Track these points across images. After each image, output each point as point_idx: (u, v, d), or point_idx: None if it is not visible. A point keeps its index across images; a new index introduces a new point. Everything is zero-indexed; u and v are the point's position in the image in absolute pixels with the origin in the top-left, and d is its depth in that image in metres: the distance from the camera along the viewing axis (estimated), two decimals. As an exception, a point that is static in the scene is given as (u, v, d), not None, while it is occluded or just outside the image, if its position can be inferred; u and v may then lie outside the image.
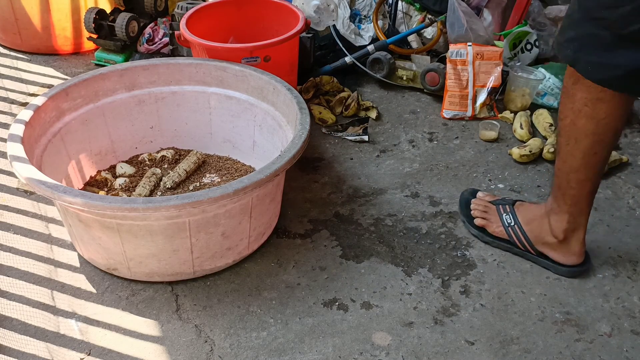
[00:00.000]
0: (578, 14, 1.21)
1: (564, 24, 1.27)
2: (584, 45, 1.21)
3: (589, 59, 1.20)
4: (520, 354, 1.29)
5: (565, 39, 1.24)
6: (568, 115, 1.28)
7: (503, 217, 1.51)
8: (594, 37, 1.18)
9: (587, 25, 1.19)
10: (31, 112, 1.46)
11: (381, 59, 2.20)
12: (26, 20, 2.33)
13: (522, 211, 1.51)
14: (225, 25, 2.04)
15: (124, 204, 1.22)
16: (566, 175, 1.35)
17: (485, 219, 1.54)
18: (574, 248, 1.44)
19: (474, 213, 1.57)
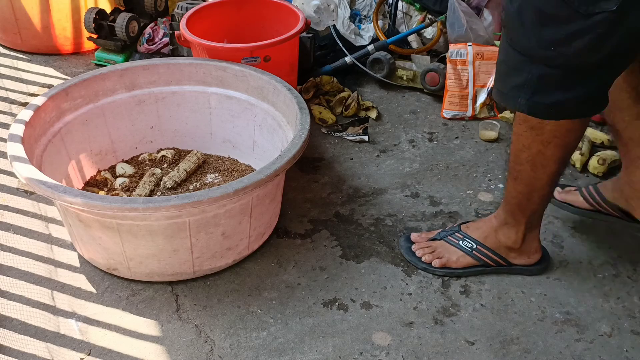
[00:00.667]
0: (518, 57, 1.14)
1: (500, 72, 1.20)
2: (537, 90, 1.14)
3: (548, 101, 1.15)
4: (520, 354, 1.29)
5: (511, 87, 1.17)
6: (534, 146, 1.23)
7: (461, 244, 1.45)
8: (546, 77, 1.12)
9: (533, 67, 1.12)
10: (31, 112, 1.46)
11: (381, 59, 2.20)
12: (26, 20, 2.33)
13: (473, 230, 1.46)
14: (225, 25, 2.04)
15: (124, 204, 1.22)
16: (528, 196, 1.33)
17: (441, 256, 1.45)
18: (532, 246, 1.43)
19: (424, 258, 1.46)
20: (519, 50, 1.13)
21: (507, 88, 1.18)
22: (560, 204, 1.62)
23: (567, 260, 1.52)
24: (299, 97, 1.55)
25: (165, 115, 1.77)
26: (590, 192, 1.57)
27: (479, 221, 1.49)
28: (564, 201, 1.62)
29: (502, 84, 1.20)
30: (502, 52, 1.19)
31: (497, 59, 1.22)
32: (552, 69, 1.11)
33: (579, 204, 1.60)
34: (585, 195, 1.58)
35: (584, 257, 1.53)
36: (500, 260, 1.45)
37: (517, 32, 1.12)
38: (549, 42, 1.08)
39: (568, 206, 1.61)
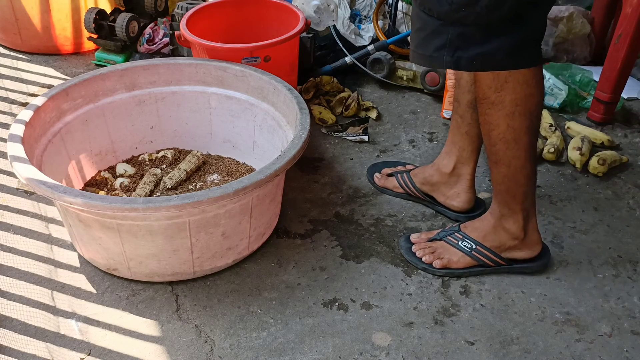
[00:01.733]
0: (435, 22, 1.22)
1: (419, 38, 1.28)
2: (458, 46, 1.22)
3: (468, 55, 1.22)
4: (520, 354, 1.29)
5: (434, 49, 1.25)
6: (500, 123, 1.29)
7: (461, 245, 1.46)
8: (463, 35, 1.21)
9: (450, 29, 1.21)
10: (31, 112, 1.46)
11: (381, 59, 2.20)
12: (26, 21, 2.33)
13: (472, 230, 1.47)
14: (225, 25, 2.04)
15: (124, 204, 1.22)
16: (514, 177, 1.35)
17: (441, 257, 1.46)
18: (533, 238, 1.44)
19: (425, 259, 1.47)
20: (435, 16, 1.22)
21: (430, 50, 1.26)
22: (382, 189, 1.72)
23: (567, 260, 1.52)
24: (299, 97, 1.55)
25: (165, 116, 1.77)
26: (404, 179, 1.67)
27: (477, 220, 1.49)
28: (383, 186, 1.71)
29: (424, 49, 1.27)
30: (417, 21, 1.28)
31: (413, 28, 1.31)
32: (467, 27, 1.20)
33: (393, 187, 1.70)
34: (400, 181, 1.68)
35: (584, 257, 1.53)
36: (500, 260, 1.45)
37: (430, 1, 1.22)
38: (459, 4, 1.18)
39: (386, 190, 1.71)
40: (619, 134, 2.01)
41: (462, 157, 1.56)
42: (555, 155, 1.85)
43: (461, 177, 1.58)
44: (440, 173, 1.60)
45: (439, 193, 1.62)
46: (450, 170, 1.58)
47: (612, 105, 2.02)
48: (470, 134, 1.52)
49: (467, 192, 1.59)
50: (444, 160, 1.59)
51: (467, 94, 1.47)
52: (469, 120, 1.50)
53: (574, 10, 2.34)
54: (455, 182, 1.59)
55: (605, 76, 1.98)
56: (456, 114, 1.53)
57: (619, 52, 1.92)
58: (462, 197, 1.59)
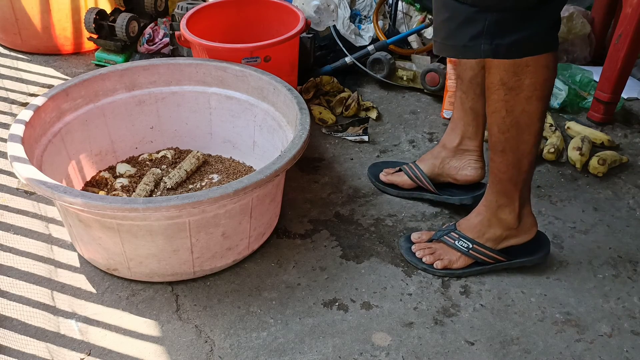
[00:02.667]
0: (469, 10, 1.19)
1: (450, 28, 1.25)
2: (496, 34, 1.20)
3: (507, 42, 1.20)
4: (520, 354, 1.29)
5: (470, 38, 1.22)
6: (516, 108, 1.27)
7: (457, 244, 1.45)
8: (500, 22, 1.19)
9: (487, 15, 1.19)
10: (31, 113, 1.46)
11: (381, 59, 2.20)
12: (26, 21, 2.33)
13: (467, 228, 1.46)
14: (226, 26, 2.04)
15: (124, 204, 1.22)
16: (518, 164, 1.34)
17: (441, 258, 1.46)
18: (528, 222, 1.44)
19: (425, 260, 1.47)
20: (469, 4, 1.19)
21: (464, 40, 1.23)
22: (385, 188, 1.70)
23: (567, 261, 1.52)
24: (299, 97, 1.55)
25: (165, 116, 1.77)
26: (413, 170, 1.66)
27: (471, 216, 1.48)
28: (390, 182, 1.69)
29: (456, 39, 1.25)
30: (444, 11, 1.25)
31: (439, 19, 1.28)
32: (504, 13, 1.18)
33: (401, 183, 1.68)
34: (408, 172, 1.67)
35: (584, 257, 1.53)
36: (497, 256, 1.45)
37: None
38: None
39: (389, 189, 1.70)
40: (619, 134, 2.01)
41: (468, 132, 1.56)
42: (555, 155, 1.85)
43: (468, 151, 1.59)
44: (446, 149, 1.60)
45: (449, 168, 1.61)
46: (456, 144, 1.58)
47: (612, 105, 2.02)
48: (474, 109, 1.53)
49: (478, 161, 1.59)
50: (449, 136, 1.60)
51: (470, 70, 1.48)
52: (472, 96, 1.51)
53: (574, 10, 2.35)
54: (463, 154, 1.59)
55: (605, 76, 1.98)
56: (459, 90, 1.54)
57: (619, 52, 1.92)
58: (473, 165, 1.59)
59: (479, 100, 1.51)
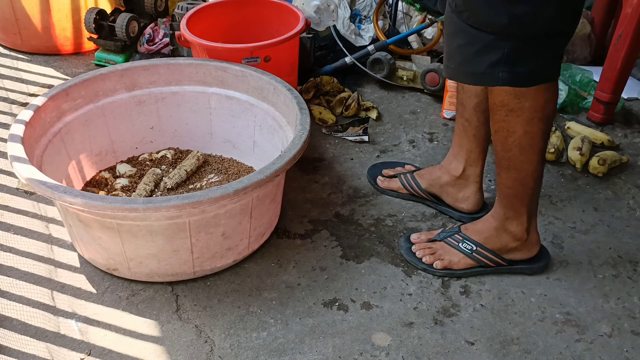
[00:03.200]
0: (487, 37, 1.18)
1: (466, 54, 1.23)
2: (515, 61, 1.19)
3: (526, 70, 1.20)
4: (520, 355, 1.29)
5: (488, 66, 1.21)
6: (517, 129, 1.27)
7: (461, 246, 1.45)
8: (521, 49, 1.18)
9: (505, 43, 1.18)
10: (31, 113, 1.46)
11: (381, 60, 2.20)
12: (26, 21, 2.33)
13: (473, 232, 1.47)
14: (226, 26, 2.04)
15: (124, 204, 1.22)
16: (524, 181, 1.34)
17: (442, 258, 1.46)
18: (533, 239, 1.44)
19: (425, 259, 1.46)
20: (488, 31, 1.18)
21: (482, 67, 1.22)
22: (384, 190, 1.72)
23: (567, 261, 1.52)
24: (299, 97, 1.55)
25: (165, 116, 1.77)
26: (408, 180, 1.68)
27: (478, 222, 1.48)
28: (387, 188, 1.71)
29: (473, 66, 1.24)
30: (461, 36, 1.23)
31: (453, 44, 1.26)
32: (524, 40, 1.18)
33: (398, 189, 1.70)
34: (404, 182, 1.68)
35: (584, 257, 1.53)
36: (501, 261, 1.45)
37: (483, 13, 1.17)
38: (521, 17, 1.14)
39: (390, 192, 1.71)
40: (619, 134, 2.01)
41: (471, 159, 1.56)
42: (555, 155, 1.85)
43: (470, 180, 1.58)
44: (449, 175, 1.60)
45: (447, 195, 1.62)
46: (460, 173, 1.57)
47: (612, 105, 2.02)
48: (477, 137, 1.52)
49: (476, 194, 1.59)
50: (452, 163, 1.59)
51: (474, 98, 1.46)
52: (476, 123, 1.50)
53: (574, 11, 2.34)
54: (464, 184, 1.59)
55: (605, 76, 1.98)
56: (462, 117, 1.52)
57: (619, 52, 1.92)
58: (472, 199, 1.59)
59: (482, 128, 1.50)
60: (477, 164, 1.56)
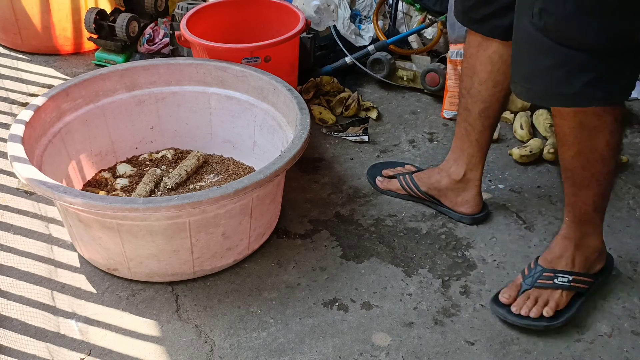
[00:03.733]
0: (579, 58, 1.12)
1: (555, 77, 1.15)
2: (611, 80, 1.15)
3: (621, 86, 1.17)
4: (520, 354, 1.29)
5: (581, 86, 1.14)
6: (599, 145, 1.23)
7: (557, 282, 1.35)
8: (616, 67, 1.14)
9: (601, 62, 1.13)
10: (31, 113, 1.47)
11: (381, 60, 2.20)
12: (26, 21, 2.33)
13: (558, 263, 1.37)
14: (226, 26, 2.04)
15: (124, 204, 1.22)
16: (605, 193, 1.31)
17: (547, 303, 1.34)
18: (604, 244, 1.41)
19: (533, 313, 1.33)
20: (584, 49, 1.12)
21: (576, 87, 1.15)
22: (383, 191, 1.72)
23: (567, 261, 1.52)
24: (299, 97, 1.55)
25: (165, 116, 1.77)
26: (407, 181, 1.67)
27: (554, 250, 1.38)
28: (386, 189, 1.71)
29: (566, 87, 1.16)
30: (550, 57, 1.15)
31: (540, 66, 1.18)
32: (618, 56, 1.13)
33: (396, 190, 1.70)
34: (402, 183, 1.68)
35: (584, 258, 1.53)
36: (592, 279, 1.38)
37: (579, 33, 1.11)
38: (618, 33, 1.10)
39: (389, 192, 1.71)
40: (619, 134, 2.01)
41: (472, 164, 1.55)
42: (555, 155, 1.85)
43: (470, 183, 1.58)
44: (449, 179, 1.59)
45: (446, 199, 1.62)
46: (461, 177, 1.57)
47: (612, 105, 2.02)
48: (480, 142, 1.51)
49: (476, 197, 1.59)
50: (452, 167, 1.58)
51: (480, 103, 1.45)
52: (480, 129, 1.49)
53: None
54: (464, 188, 1.58)
55: (605, 76, 1.98)
56: (465, 122, 1.51)
57: (620, 53, 1.92)
58: (472, 202, 1.59)
59: (486, 132, 1.50)
60: (478, 167, 1.56)
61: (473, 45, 1.44)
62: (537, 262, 1.39)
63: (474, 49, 1.44)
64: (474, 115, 1.48)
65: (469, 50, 1.46)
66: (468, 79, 1.47)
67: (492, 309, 1.37)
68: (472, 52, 1.45)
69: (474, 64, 1.45)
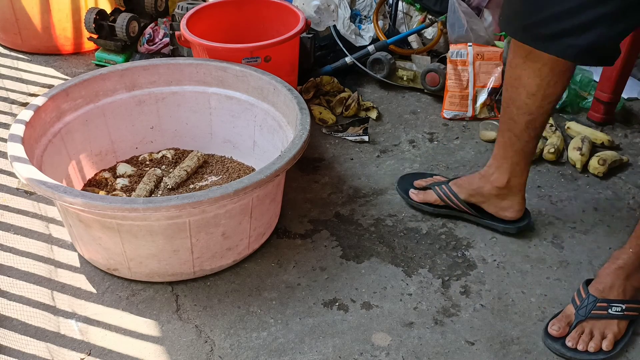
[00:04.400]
0: None
1: None
2: None
3: None
4: (520, 355, 1.29)
5: None
6: None
7: (611, 312, 1.31)
8: None
9: None
10: (31, 113, 1.46)
11: (381, 59, 2.20)
12: (26, 21, 2.33)
13: (610, 292, 1.32)
14: (226, 26, 2.04)
15: (124, 204, 1.22)
16: None
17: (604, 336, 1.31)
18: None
19: (591, 348, 1.29)
20: None
21: None
22: (419, 205, 1.65)
23: (567, 261, 1.52)
24: (299, 97, 1.55)
25: (165, 116, 1.77)
26: (445, 191, 1.60)
27: (605, 279, 1.34)
28: (423, 201, 1.64)
29: None
30: None
31: None
32: None
33: (434, 201, 1.63)
34: (439, 193, 1.61)
35: (584, 257, 1.53)
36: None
37: None
38: None
39: (424, 205, 1.64)
40: (619, 134, 2.01)
41: (516, 171, 1.50)
42: (556, 155, 1.85)
43: (514, 189, 1.53)
44: (492, 186, 1.54)
45: (489, 204, 1.57)
46: (505, 184, 1.52)
47: (612, 105, 2.02)
48: (525, 150, 1.47)
49: (520, 202, 1.55)
50: (494, 174, 1.53)
51: (527, 115, 1.40)
52: (526, 139, 1.44)
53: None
54: (508, 193, 1.53)
55: (605, 76, 1.98)
56: (510, 132, 1.46)
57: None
58: (515, 207, 1.55)
59: (532, 142, 1.45)
60: (522, 175, 1.51)
61: (520, 54, 1.35)
62: (589, 292, 1.33)
63: (521, 59, 1.35)
64: (520, 126, 1.43)
65: (514, 60, 1.37)
66: (513, 90, 1.40)
67: (545, 343, 1.31)
68: (518, 62, 1.36)
69: (520, 75, 1.37)
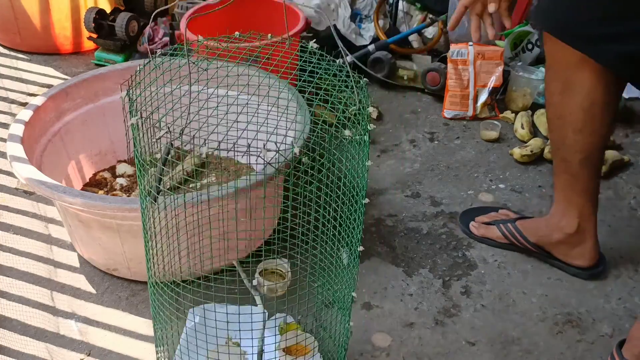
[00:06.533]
0: None
1: None
2: None
3: None
4: (521, 355, 1.28)
5: None
6: None
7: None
8: None
9: None
10: (31, 112, 1.46)
11: (382, 59, 2.19)
12: (26, 20, 2.33)
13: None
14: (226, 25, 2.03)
15: (123, 204, 1.22)
16: None
17: None
18: None
19: None
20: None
21: None
22: (479, 238, 1.57)
23: (568, 261, 1.51)
24: (299, 97, 1.54)
25: (165, 115, 1.77)
26: (510, 230, 1.52)
27: (636, 340, 1.21)
28: (484, 236, 1.56)
29: None
30: None
31: None
32: None
33: (497, 238, 1.54)
34: (504, 232, 1.53)
35: (585, 258, 1.52)
36: None
37: None
38: None
39: (487, 240, 1.56)
40: (620, 134, 2.01)
41: (584, 214, 1.41)
42: (556, 155, 1.85)
43: (586, 234, 1.43)
44: (561, 233, 1.44)
45: (559, 251, 1.48)
46: (575, 230, 1.42)
47: (613, 105, 2.01)
48: (587, 191, 1.39)
49: (593, 249, 1.45)
50: (562, 220, 1.43)
51: (579, 154, 1.33)
52: (585, 178, 1.37)
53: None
54: (579, 241, 1.44)
55: (606, 76, 1.97)
56: (566, 173, 1.38)
57: (620, 52, 1.91)
58: (588, 255, 1.45)
59: (592, 180, 1.38)
60: (591, 218, 1.41)
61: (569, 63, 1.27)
62: (623, 357, 1.23)
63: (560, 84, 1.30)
64: (575, 166, 1.36)
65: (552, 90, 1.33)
66: (558, 131, 1.35)
67: None
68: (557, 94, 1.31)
69: (562, 114, 1.32)
